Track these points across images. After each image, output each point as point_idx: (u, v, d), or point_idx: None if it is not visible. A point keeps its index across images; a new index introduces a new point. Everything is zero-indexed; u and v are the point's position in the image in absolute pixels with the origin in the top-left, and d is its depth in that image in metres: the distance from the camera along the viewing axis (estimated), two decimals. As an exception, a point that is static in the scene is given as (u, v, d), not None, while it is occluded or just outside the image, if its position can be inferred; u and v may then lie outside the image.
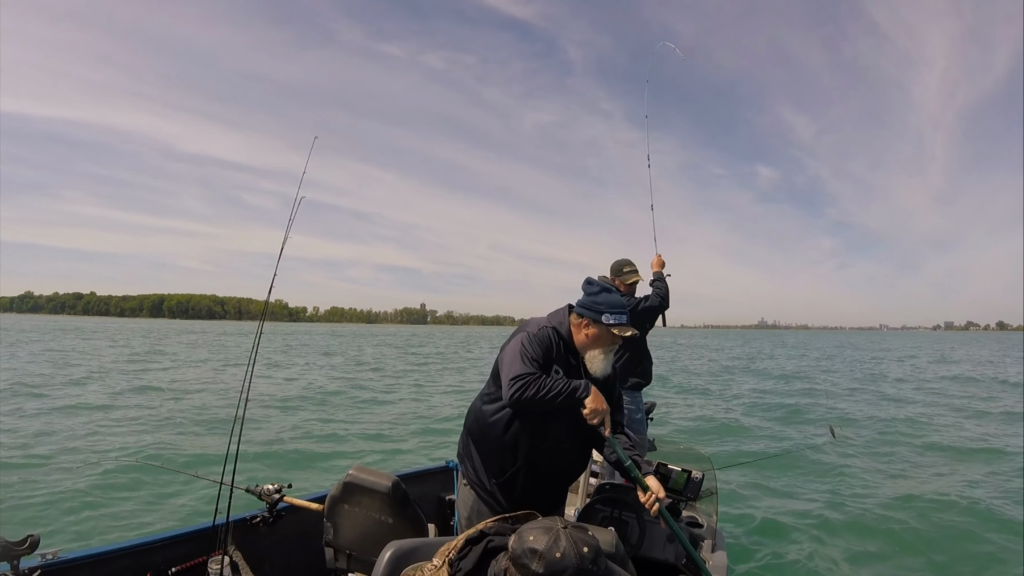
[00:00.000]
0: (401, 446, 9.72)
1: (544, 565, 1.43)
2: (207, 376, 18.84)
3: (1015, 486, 7.53)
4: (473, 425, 2.66)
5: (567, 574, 1.42)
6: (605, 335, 2.48)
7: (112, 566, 2.56)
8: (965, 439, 11.02)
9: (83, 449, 7.72)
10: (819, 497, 7.48)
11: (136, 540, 2.73)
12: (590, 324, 2.48)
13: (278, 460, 7.95)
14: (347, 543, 2.89)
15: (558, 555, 1.43)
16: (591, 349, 2.51)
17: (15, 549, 2.21)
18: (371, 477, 2.77)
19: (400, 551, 1.92)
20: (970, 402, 16.29)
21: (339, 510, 2.85)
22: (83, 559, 2.49)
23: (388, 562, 1.89)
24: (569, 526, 1.52)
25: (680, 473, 3.67)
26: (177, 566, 2.71)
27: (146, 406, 11.64)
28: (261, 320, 2.79)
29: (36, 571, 2.30)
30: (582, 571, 1.43)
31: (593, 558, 1.45)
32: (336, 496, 2.85)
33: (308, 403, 13.63)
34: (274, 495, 3.12)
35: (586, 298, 2.52)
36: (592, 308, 2.47)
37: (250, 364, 2.35)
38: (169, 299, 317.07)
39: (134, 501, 5.71)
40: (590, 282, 2.57)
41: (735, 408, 15.31)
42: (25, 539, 2.23)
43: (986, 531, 5.93)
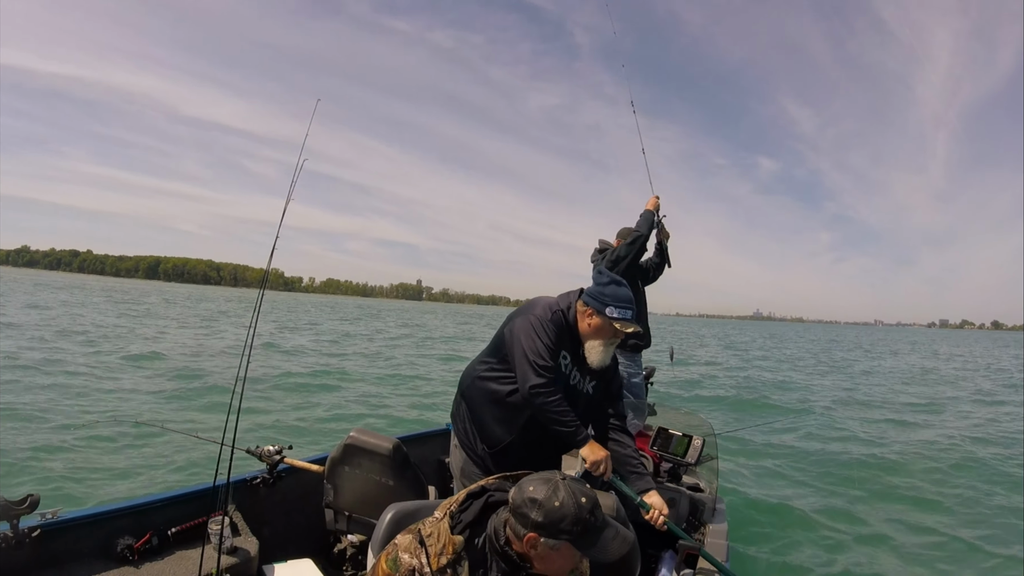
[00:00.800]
0: (398, 411, 9.78)
1: (543, 513, 1.47)
2: (204, 340, 18.91)
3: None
4: (470, 392, 2.66)
5: (565, 522, 1.46)
6: (607, 328, 2.46)
7: (112, 526, 2.56)
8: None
9: (82, 409, 7.75)
10: (815, 464, 7.56)
11: (136, 500, 2.73)
12: (594, 314, 2.47)
13: (278, 422, 8.00)
14: (347, 505, 2.90)
15: (557, 503, 1.47)
16: (592, 339, 2.51)
17: (15, 508, 2.20)
18: (372, 439, 2.76)
19: (400, 513, 1.91)
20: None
21: (339, 472, 2.85)
22: (83, 519, 2.49)
23: (388, 524, 1.88)
24: (568, 478, 1.55)
25: (681, 438, 3.68)
26: (177, 526, 2.71)
27: (145, 367, 11.69)
28: (262, 287, 2.74)
29: (36, 530, 2.30)
30: (580, 519, 1.46)
31: (591, 508, 1.49)
32: (336, 458, 2.84)
33: (306, 368, 13.69)
34: (274, 456, 3.11)
35: (594, 287, 2.50)
36: (598, 299, 2.45)
37: (251, 328, 2.30)
38: (165, 262, 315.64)
39: (134, 461, 5.74)
40: (601, 272, 2.58)
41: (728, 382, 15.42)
42: (25, 499, 2.23)
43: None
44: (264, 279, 2.82)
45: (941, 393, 16.24)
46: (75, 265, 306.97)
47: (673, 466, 3.65)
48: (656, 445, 3.73)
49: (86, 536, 2.48)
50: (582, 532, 1.48)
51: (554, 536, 1.48)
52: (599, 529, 1.49)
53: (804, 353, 32.82)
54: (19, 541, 2.24)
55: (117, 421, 7.02)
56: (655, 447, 3.73)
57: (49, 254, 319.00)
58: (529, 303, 2.62)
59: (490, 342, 2.68)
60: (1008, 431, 10.38)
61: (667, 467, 3.66)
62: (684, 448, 3.64)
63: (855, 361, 28.46)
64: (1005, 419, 11.77)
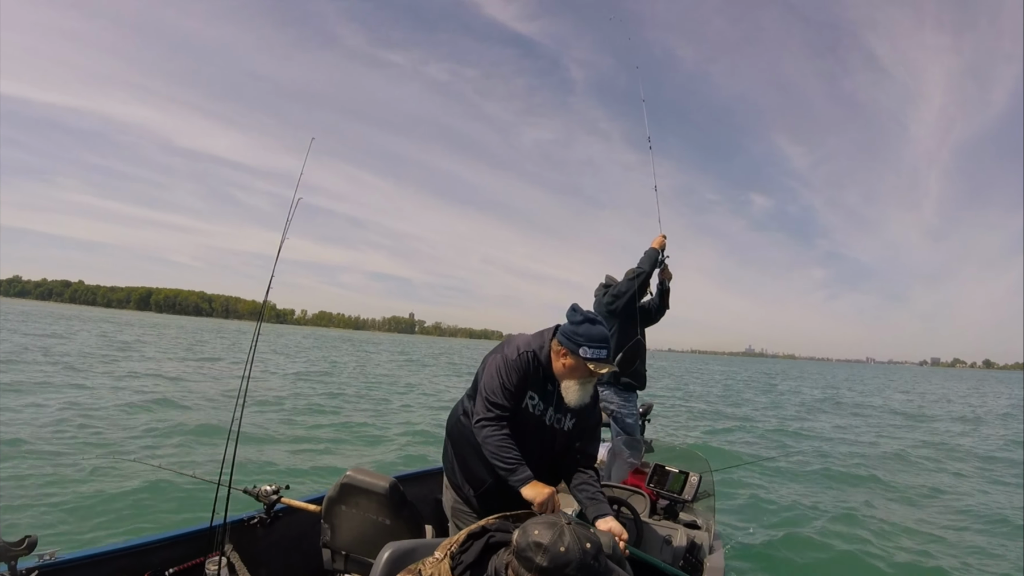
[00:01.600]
0: (396, 449, 9.71)
1: (548, 559, 1.45)
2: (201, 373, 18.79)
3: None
4: (453, 432, 2.69)
5: (570, 568, 1.44)
6: (582, 368, 2.41)
7: (109, 567, 2.55)
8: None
9: (78, 448, 7.68)
10: (813, 500, 7.50)
11: (133, 541, 2.73)
12: (568, 354, 2.41)
13: (275, 462, 7.94)
14: (344, 544, 2.89)
15: (562, 549, 1.46)
16: (567, 379, 2.45)
17: (13, 550, 2.20)
18: (368, 478, 2.77)
19: (398, 552, 1.92)
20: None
21: (336, 511, 2.86)
22: (80, 560, 2.49)
23: (386, 563, 1.90)
24: (572, 522, 1.55)
25: (677, 475, 3.68)
26: (174, 567, 2.71)
27: (140, 405, 11.60)
28: (259, 320, 2.79)
29: (34, 572, 2.30)
30: (584, 566, 1.45)
31: (595, 553, 1.48)
32: (333, 497, 2.85)
33: (304, 406, 13.60)
34: (271, 496, 3.12)
35: (568, 327, 2.45)
36: (571, 338, 2.40)
37: (247, 366, 2.34)
38: (157, 293, 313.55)
39: (131, 501, 5.69)
40: (575, 310, 2.49)
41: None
42: (23, 540, 2.23)
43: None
44: (261, 313, 2.88)
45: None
46: (67, 295, 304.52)
47: (670, 503, 3.64)
48: (653, 482, 3.74)
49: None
50: None
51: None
52: (603, 574, 1.50)
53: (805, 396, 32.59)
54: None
55: (114, 459, 6.97)
56: (652, 484, 3.73)
57: (41, 284, 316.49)
58: (504, 341, 2.62)
59: (472, 382, 2.66)
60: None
61: (663, 504, 3.66)
62: (681, 485, 3.65)
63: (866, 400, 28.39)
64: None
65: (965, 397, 34.20)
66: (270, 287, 2.72)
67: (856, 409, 21.57)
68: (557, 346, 2.45)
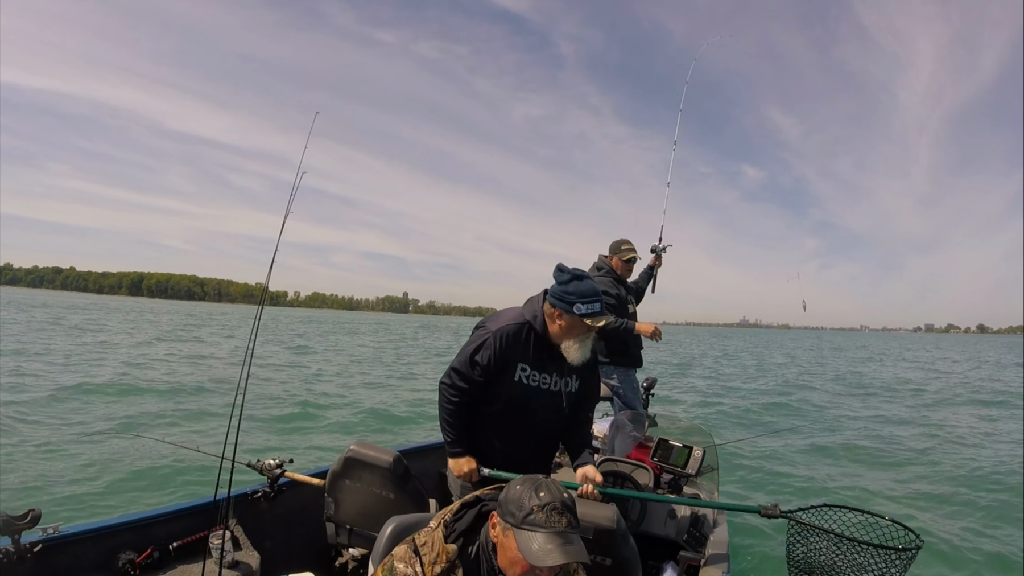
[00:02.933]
0: (401, 423, 9.77)
1: (504, 494, 1.58)
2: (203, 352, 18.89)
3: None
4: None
5: (512, 504, 1.53)
6: (579, 325, 2.42)
7: (113, 540, 2.56)
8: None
9: (83, 423, 7.74)
10: (816, 472, 7.54)
11: (137, 515, 2.73)
12: (562, 315, 2.41)
13: (279, 435, 7.99)
14: (348, 518, 2.90)
15: (517, 487, 1.55)
16: (566, 340, 2.46)
17: (16, 523, 2.21)
18: (372, 452, 2.76)
19: (401, 526, 1.91)
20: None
21: (340, 485, 2.85)
22: (84, 533, 2.49)
23: (389, 537, 1.89)
24: (552, 480, 1.60)
25: (681, 449, 3.67)
26: (178, 541, 2.72)
27: (144, 380, 11.67)
28: (262, 300, 2.75)
29: (37, 545, 2.31)
30: (523, 507, 1.51)
31: (544, 504, 1.51)
32: (337, 471, 2.84)
33: (306, 380, 13.67)
34: (275, 470, 3.12)
35: (557, 288, 2.44)
36: (563, 299, 2.40)
37: (251, 341, 2.31)
38: (148, 278, 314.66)
39: (135, 475, 5.73)
40: (561, 269, 2.47)
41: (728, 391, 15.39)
42: (26, 513, 2.23)
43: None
44: (263, 295, 2.84)
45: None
46: (58, 282, 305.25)
47: (673, 477, 3.64)
48: (656, 456, 3.73)
49: (87, 551, 2.49)
50: (522, 520, 1.49)
51: (503, 517, 1.54)
52: (539, 526, 1.48)
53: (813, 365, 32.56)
54: (20, 556, 2.25)
55: (117, 434, 7.01)
56: (655, 458, 3.73)
57: (32, 271, 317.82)
58: (493, 316, 2.60)
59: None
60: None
61: (667, 478, 3.65)
62: (684, 459, 3.64)
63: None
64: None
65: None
66: (272, 266, 2.68)
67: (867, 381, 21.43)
68: (550, 309, 2.45)
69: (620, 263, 4.39)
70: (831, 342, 78.68)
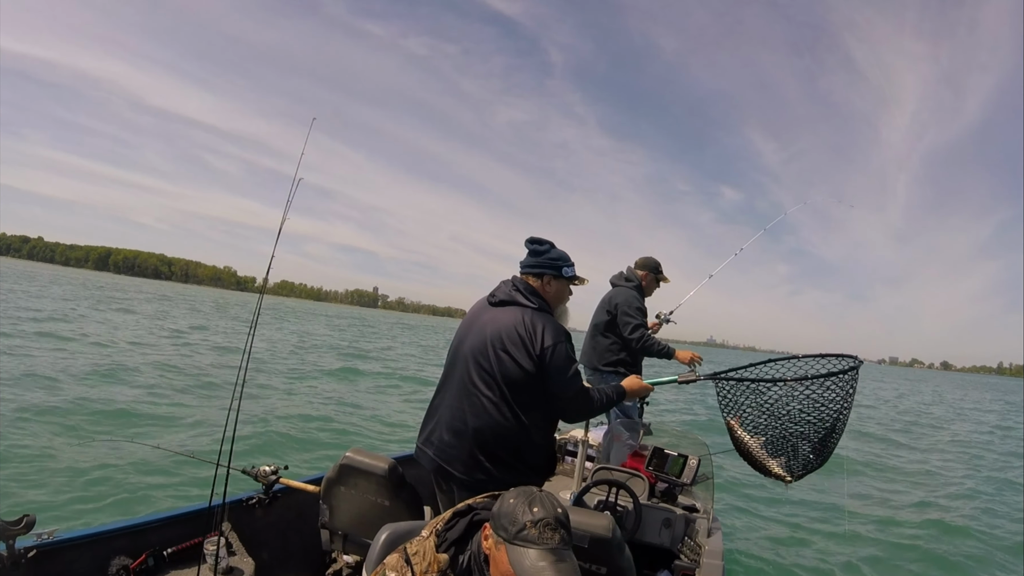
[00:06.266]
0: (397, 429, 9.75)
1: (497, 506, 1.54)
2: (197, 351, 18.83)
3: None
4: (514, 438, 2.48)
5: (504, 519, 1.49)
6: (565, 289, 2.58)
7: (108, 546, 2.56)
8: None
9: (75, 427, 7.70)
10: (812, 483, 7.54)
11: (132, 520, 2.73)
12: (552, 279, 2.54)
13: (274, 442, 7.96)
14: (343, 525, 2.90)
15: (510, 500, 1.52)
16: (558, 305, 2.59)
17: (10, 529, 2.20)
18: (367, 459, 2.76)
19: (396, 533, 1.91)
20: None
21: (335, 492, 2.85)
22: (79, 539, 2.49)
23: (384, 544, 1.89)
24: (545, 492, 1.57)
25: (676, 458, 3.69)
26: (173, 547, 2.72)
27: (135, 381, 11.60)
28: (260, 296, 2.75)
29: (32, 551, 2.30)
30: (516, 521, 1.47)
31: (537, 520, 1.47)
32: (332, 478, 2.84)
33: (304, 384, 13.64)
34: (270, 476, 3.12)
35: (543, 258, 2.55)
36: (552, 266, 2.53)
37: (247, 344, 2.32)
38: (116, 254, 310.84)
39: (129, 481, 5.71)
40: (536, 240, 2.59)
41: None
42: (20, 519, 2.23)
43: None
44: (262, 290, 2.85)
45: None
46: (24, 252, 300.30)
47: (669, 486, 3.65)
48: (652, 465, 3.74)
49: (82, 557, 2.48)
50: (515, 536, 1.46)
51: (495, 531, 1.51)
52: (532, 543, 1.45)
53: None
54: (15, 562, 2.24)
55: (112, 438, 6.98)
56: (651, 467, 3.74)
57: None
58: (545, 326, 2.46)
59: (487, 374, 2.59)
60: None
61: (663, 487, 3.66)
62: (680, 468, 3.65)
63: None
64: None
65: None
66: (271, 264, 2.68)
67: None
68: (536, 280, 2.56)
69: (651, 283, 4.41)
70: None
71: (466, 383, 2.48)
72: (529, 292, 2.54)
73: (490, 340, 2.46)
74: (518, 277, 2.61)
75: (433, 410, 2.63)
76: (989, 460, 11.66)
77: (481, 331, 2.51)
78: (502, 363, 2.41)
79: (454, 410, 2.50)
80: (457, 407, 2.49)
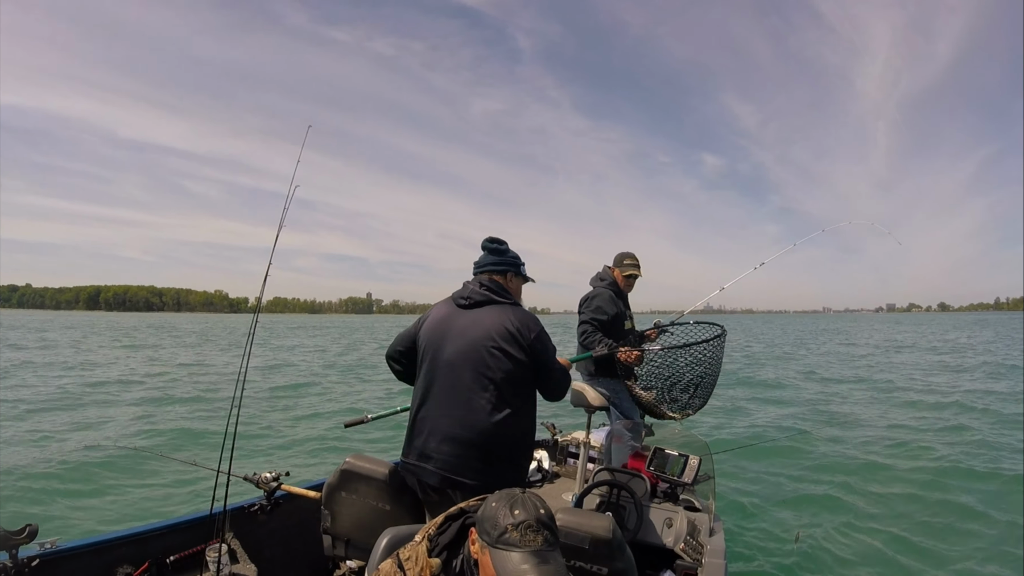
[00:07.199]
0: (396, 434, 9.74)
1: (482, 511, 1.56)
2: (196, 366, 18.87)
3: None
4: (514, 435, 2.54)
5: (488, 523, 1.51)
6: (521, 286, 2.78)
7: (110, 555, 2.56)
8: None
9: (77, 439, 7.72)
10: (814, 481, 7.54)
11: (134, 529, 2.74)
12: (513, 277, 2.70)
13: (275, 449, 7.97)
14: (345, 530, 2.90)
15: (493, 504, 1.54)
16: (519, 299, 2.75)
17: (13, 539, 2.21)
18: (368, 465, 2.77)
19: (396, 538, 1.92)
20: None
21: (337, 498, 2.86)
22: (81, 548, 2.50)
23: (385, 548, 1.90)
24: (528, 493, 1.59)
25: (677, 458, 3.68)
26: (175, 554, 2.72)
27: (137, 395, 11.63)
28: (256, 311, 2.77)
29: (35, 560, 2.31)
30: (498, 525, 1.48)
31: (519, 523, 1.48)
32: (334, 484, 2.85)
33: (302, 392, 13.65)
34: (272, 483, 3.12)
35: (507, 256, 2.71)
36: (514, 263, 2.71)
37: (246, 354, 2.33)
38: (105, 291, 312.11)
39: (131, 490, 5.72)
40: (500, 241, 2.72)
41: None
42: (23, 528, 2.24)
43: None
44: (257, 307, 2.86)
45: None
46: (14, 300, 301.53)
47: (670, 486, 3.65)
48: (652, 465, 3.74)
49: (85, 566, 2.49)
50: (497, 539, 1.47)
51: (480, 535, 1.52)
52: (514, 546, 1.46)
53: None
54: (18, 571, 2.25)
55: (115, 448, 6.99)
56: (652, 467, 3.73)
57: None
58: (524, 321, 2.55)
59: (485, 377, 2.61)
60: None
61: (664, 487, 3.66)
62: (680, 468, 3.65)
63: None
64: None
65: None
66: (266, 280, 2.70)
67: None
68: (503, 278, 2.69)
69: (621, 278, 4.41)
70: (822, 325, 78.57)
71: (459, 390, 2.46)
72: (501, 289, 2.63)
73: (480, 342, 2.46)
74: (483, 277, 2.67)
75: (419, 424, 2.57)
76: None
77: (462, 336, 2.51)
78: (499, 362, 2.44)
79: (451, 419, 2.46)
80: (454, 416, 2.46)
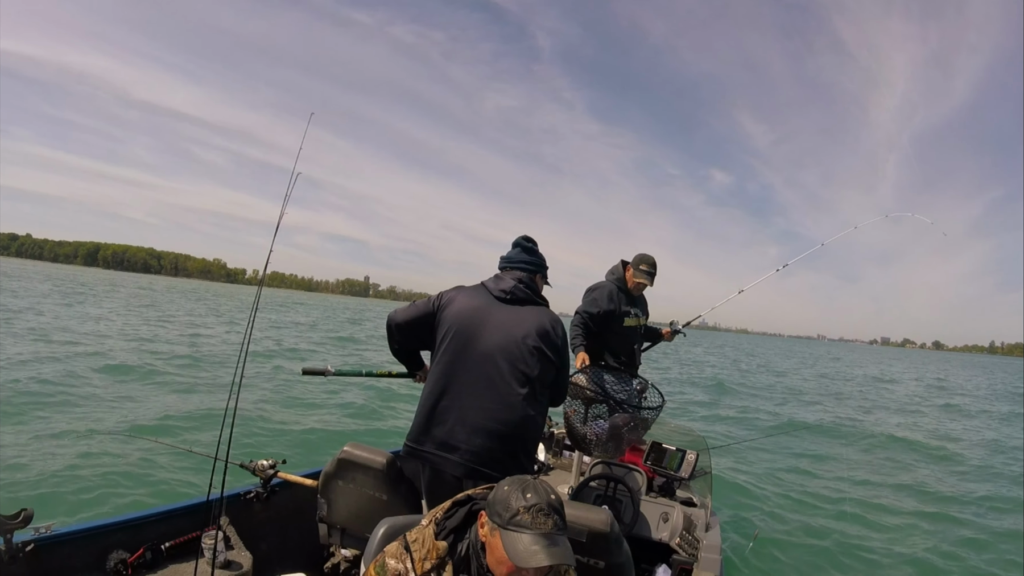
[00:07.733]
0: (394, 422, 9.75)
1: (493, 494, 1.59)
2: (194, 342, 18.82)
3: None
4: (537, 432, 2.57)
5: (499, 505, 1.54)
6: (542, 288, 2.79)
7: (106, 541, 2.56)
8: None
9: (70, 421, 7.69)
10: (807, 475, 7.57)
11: (130, 515, 2.73)
12: (540, 280, 2.73)
13: (272, 435, 7.96)
14: (341, 519, 2.89)
15: (505, 488, 1.56)
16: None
17: (8, 523, 2.21)
18: (365, 454, 2.76)
19: (393, 528, 1.92)
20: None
21: (333, 486, 2.85)
22: (77, 533, 2.49)
23: (381, 538, 1.89)
24: (539, 477, 1.60)
25: (674, 453, 3.69)
26: (171, 541, 2.71)
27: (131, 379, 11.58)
28: (258, 290, 2.74)
29: (29, 545, 2.30)
30: (509, 507, 1.52)
31: (530, 506, 1.51)
32: (330, 472, 2.84)
33: (301, 378, 13.62)
34: (268, 471, 3.12)
35: (539, 257, 2.74)
36: (544, 266, 2.75)
37: (246, 338, 2.30)
38: (104, 248, 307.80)
39: (127, 475, 5.71)
40: (534, 241, 2.76)
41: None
42: (18, 513, 2.23)
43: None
44: (260, 284, 2.84)
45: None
46: (12, 249, 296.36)
47: (666, 481, 3.66)
48: (650, 459, 3.75)
49: (80, 551, 2.48)
50: (508, 521, 1.50)
51: (490, 517, 1.55)
52: (525, 528, 1.49)
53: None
54: (12, 556, 2.24)
55: (110, 433, 6.98)
56: (649, 461, 3.74)
57: None
58: (564, 334, 2.66)
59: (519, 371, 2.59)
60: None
61: (660, 482, 3.67)
62: (678, 462, 3.66)
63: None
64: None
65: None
66: (269, 259, 2.67)
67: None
68: (533, 277, 2.70)
69: (631, 281, 4.38)
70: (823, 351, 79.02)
71: (496, 382, 2.41)
72: (537, 290, 2.67)
73: (521, 339, 2.45)
74: (519, 274, 2.62)
75: (443, 412, 2.46)
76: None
77: (502, 329, 2.47)
78: (537, 361, 2.46)
79: (483, 411, 2.39)
80: (487, 408, 2.40)
